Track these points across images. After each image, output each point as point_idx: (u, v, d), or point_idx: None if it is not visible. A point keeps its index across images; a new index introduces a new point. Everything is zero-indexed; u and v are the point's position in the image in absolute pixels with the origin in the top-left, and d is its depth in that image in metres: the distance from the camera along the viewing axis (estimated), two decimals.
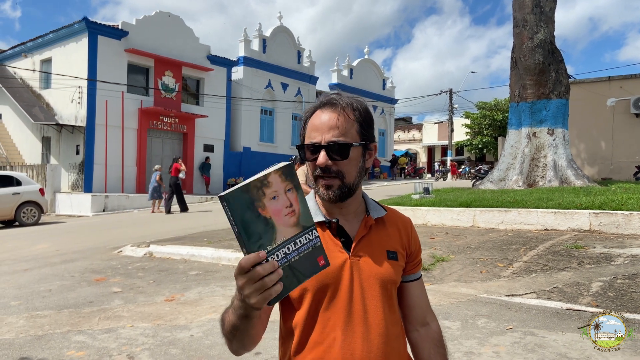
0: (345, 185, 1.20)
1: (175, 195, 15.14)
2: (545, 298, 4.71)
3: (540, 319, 4.17)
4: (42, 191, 14.76)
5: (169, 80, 20.86)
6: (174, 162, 15.51)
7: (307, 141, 1.22)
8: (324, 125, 1.19)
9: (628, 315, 4.09)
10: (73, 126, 18.98)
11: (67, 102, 19.28)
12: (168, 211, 15.00)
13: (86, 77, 18.39)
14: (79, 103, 18.83)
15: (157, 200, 15.74)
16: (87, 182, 18.67)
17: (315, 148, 1.19)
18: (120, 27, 19.39)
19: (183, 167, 15.47)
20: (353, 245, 1.22)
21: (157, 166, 16.08)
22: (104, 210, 17.00)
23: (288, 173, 0.93)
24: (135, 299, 5.32)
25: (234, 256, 7.29)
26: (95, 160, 18.78)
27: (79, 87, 18.66)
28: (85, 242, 9.69)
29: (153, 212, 15.73)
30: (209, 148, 22.60)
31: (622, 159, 17.22)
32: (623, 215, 7.37)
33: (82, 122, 18.73)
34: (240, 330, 1.02)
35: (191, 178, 21.81)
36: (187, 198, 19.39)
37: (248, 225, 0.87)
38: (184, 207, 15.25)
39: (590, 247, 6.42)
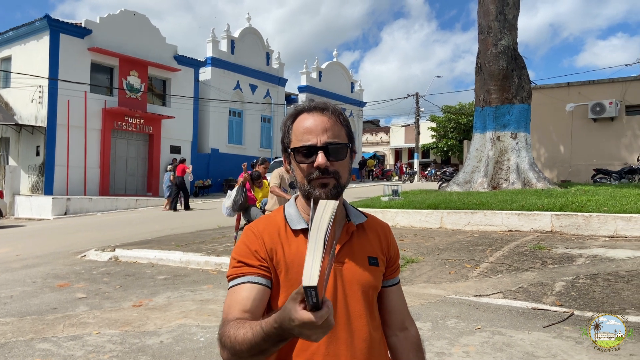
0: (339, 185, 1.21)
1: (182, 194, 16.06)
2: (512, 298, 4.84)
3: (507, 319, 4.28)
4: (0, 194, 14.21)
5: (134, 80, 20.45)
6: (179, 163, 16.36)
7: (299, 144, 1.21)
8: (317, 128, 1.20)
9: (590, 314, 4.23)
10: (33, 126, 18.37)
11: (27, 102, 18.63)
12: (174, 208, 15.88)
13: (47, 76, 17.83)
14: (39, 103, 18.24)
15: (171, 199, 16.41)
16: (48, 184, 18.09)
17: (311, 150, 1.19)
18: (83, 25, 18.90)
19: (189, 168, 16.43)
20: (336, 251, 1.23)
21: (169, 166, 17.01)
22: (65, 214, 16.49)
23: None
24: (101, 305, 5.18)
25: (203, 260, 7.20)
26: (57, 162, 18.21)
27: (40, 86, 18.08)
28: (46, 247, 9.38)
29: (174, 210, 16.26)
30: (175, 149, 22.24)
31: (580, 162, 17.86)
32: (583, 217, 7.64)
33: (42, 122, 18.14)
34: (268, 352, 1.00)
35: (157, 180, 21.43)
36: (154, 200, 19.13)
37: None
38: (187, 206, 16.15)
39: (553, 248, 6.63)
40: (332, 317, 0.89)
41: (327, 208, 0.93)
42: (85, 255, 8.21)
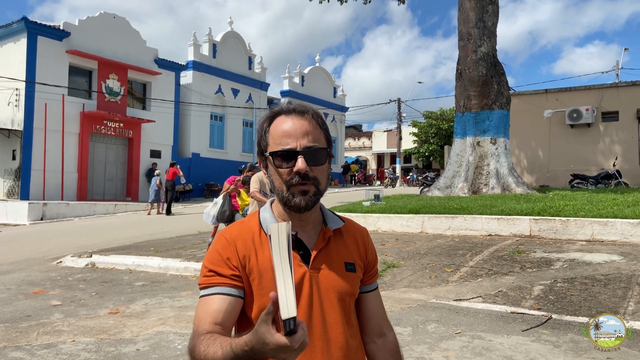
0: (319, 192, 1.19)
1: (166, 196, 16.36)
2: (491, 302, 4.87)
3: (487, 323, 4.30)
4: None
5: (113, 83, 20.18)
6: (170, 167, 16.71)
7: (277, 148, 1.18)
8: (297, 132, 1.17)
9: (568, 318, 4.28)
10: (9, 130, 17.98)
11: (3, 105, 18.24)
12: (166, 212, 16.13)
13: (24, 79, 17.49)
14: (15, 106, 17.87)
15: (156, 203, 16.65)
16: (24, 189, 17.71)
17: (290, 154, 1.16)
18: (61, 28, 18.61)
19: (181, 173, 16.76)
20: (312, 258, 1.20)
21: (157, 171, 17.29)
22: (42, 219, 16.15)
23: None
24: (77, 313, 5.07)
25: (182, 265, 7.11)
26: (33, 166, 17.85)
27: (17, 89, 17.72)
28: (21, 253, 9.17)
29: (149, 214, 16.54)
30: (155, 154, 21.98)
31: (558, 168, 18.15)
32: (561, 221, 7.75)
33: (19, 125, 17.78)
34: None
35: (137, 185, 21.15)
36: (133, 205, 18.87)
37: None
38: (169, 211, 16.20)
39: (531, 252, 6.70)
40: (307, 337, 0.88)
41: (281, 231, 0.91)
42: (61, 262, 8.04)
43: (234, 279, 1.15)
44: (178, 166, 17.01)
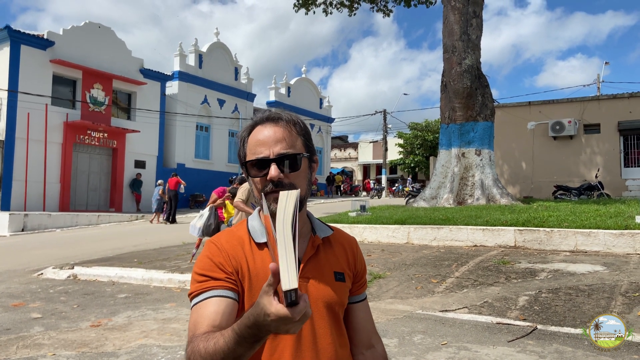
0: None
1: (172, 206, 16.83)
2: (477, 313, 4.87)
3: (473, 334, 4.30)
4: None
5: (98, 93, 20.00)
6: (172, 177, 17.33)
7: (251, 157, 1.17)
8: (269, 139, 1.17)
9: (553, 328, 4.30)
10: None
11: None
12: (169, 221, 16.70)
13: (7, 88, 17.26)
14: None
15: (159, 213, 17.11)
16: (5, 199, 17.39)
17: (264, 163, 1.16)
18: (45, 37, 18.44)
19: (183, 182, 17.39)
20: (301, 266, 1.19)
21: (159, 181, 17.81)
22: (22, 230, 15.84)
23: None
24: (58, 325, 4.96)
25: (166, 277, 7.01)
26: (15, 177, 17.56)
27: None
28: (1, 264, 8.96)
29: (152, 222, 17.03)
30: (140, 164, 21.77)
31: (541, 179, 18.38)
32: (545, 232, 7.82)
33: (0, 135, 17.50)
34: (243, 358, 0.95)
35: (121, 195, 20.91)
36: (117, 216, 18.64)
37: None
38: (173, 219, 16.77)
39: (516, 263, 6.75)
40: (309, 308, 0.87)
41: (289, 199, 0.89)
42: (42, 274, 7.88)
43: (230, 281, 1.12)
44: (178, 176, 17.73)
